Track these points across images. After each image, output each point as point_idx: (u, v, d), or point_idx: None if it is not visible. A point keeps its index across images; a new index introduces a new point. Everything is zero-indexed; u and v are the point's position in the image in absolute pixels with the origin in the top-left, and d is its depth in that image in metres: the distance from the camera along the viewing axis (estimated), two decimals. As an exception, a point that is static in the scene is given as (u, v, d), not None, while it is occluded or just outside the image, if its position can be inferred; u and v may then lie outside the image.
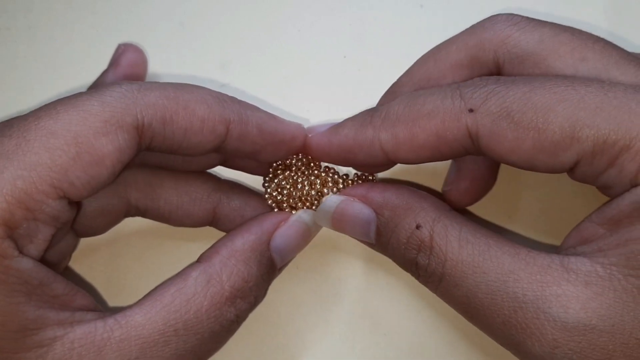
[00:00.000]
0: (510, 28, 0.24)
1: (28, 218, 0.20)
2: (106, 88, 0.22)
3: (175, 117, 0.23)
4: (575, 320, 0.20)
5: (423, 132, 0.23)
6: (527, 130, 0.21)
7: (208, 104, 0.23)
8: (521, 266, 0.21)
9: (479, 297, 0.22)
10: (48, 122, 0.21)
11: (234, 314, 0.24)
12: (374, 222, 0.25)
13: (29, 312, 0.21)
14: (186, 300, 0.23)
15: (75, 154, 0.21)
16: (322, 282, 0.30)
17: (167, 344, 0.22)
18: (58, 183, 0.21)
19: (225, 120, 0.24)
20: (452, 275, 0.22)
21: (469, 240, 0.22)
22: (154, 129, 0.22)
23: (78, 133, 0.21)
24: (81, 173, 0.21)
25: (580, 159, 0.21)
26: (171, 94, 0.23)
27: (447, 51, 0.25)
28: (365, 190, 0.25)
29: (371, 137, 0.24)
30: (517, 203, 0.30)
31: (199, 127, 0.23)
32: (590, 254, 0.21)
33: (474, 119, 0.22)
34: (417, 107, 0.23)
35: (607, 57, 0.23)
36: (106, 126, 0.21)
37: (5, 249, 0.20)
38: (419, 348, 0.29)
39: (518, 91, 0.22)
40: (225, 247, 0.25)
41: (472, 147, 0.23)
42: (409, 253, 0.24)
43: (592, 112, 0.21)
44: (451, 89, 0.23)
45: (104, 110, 0.21)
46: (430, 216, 0.24)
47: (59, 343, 0.21)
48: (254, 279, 0.25)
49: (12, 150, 0.20)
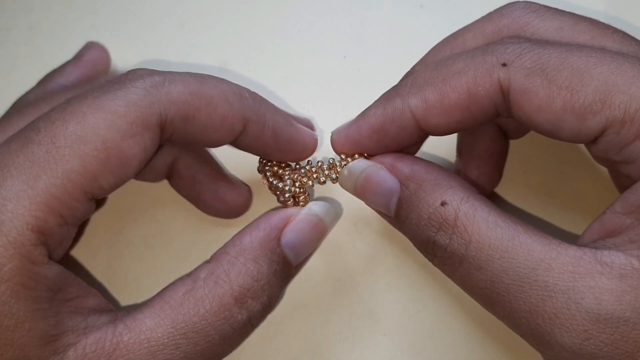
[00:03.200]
0: (529, 15, 0.24)
1: (61, 224, 0.21)
2: (131, 83, 0.22)
3: (197, 114, 0.23)
4: (609, 313, 0.20)
5: (454, 90, 0.22)
6: (559, 89, 0.21)
7: (229, 102, 0.23)
8: (553, 255, 0.21)
9: (505, 283, 0.21)
10: (76, 127, 0.21)
11: (245, 315, 0.23)
12: (397, 193, 0.24)
13: (50, 318, 0.21)
14: (194, 303, 0.23)
15: (104, 159, 0.21)
16: (322, 282, 0.30)
17: (177, 347, 0.22)
18: (89, 188, 0.21)
19: (244, 119, 0.24)
20: (476, 257, 0.22)
21: (498, 224, 0.22)
22: (175, 125, 0.22)
23: (106, 138, 0.21)
24: (110, 176, 0.21)
25: (608, 126, 0.21)
26: (194, 88, 0.23)
27: (464, 38, 0.25)
28: (394, 159, 0.24)
29: (401, 106, 0.23)
30: (519, 203, 0.30)
31: (218, 124, 0.23)
32: (622, 247, 0.21)
33: (506, 72, 0.22)
34: (447, 68, 0.23)
35: (627, 47, 0.23)
36: (132, 128, 0.21)
37: (37, 256, 0.20)
38: (418, 348, 0.29)
39: (554, 50, 0.21)
40: (233, 246, 0.24)
41: (502, 106, 0.22)
42: (429, 230, 0.23)
43: (629, 80, 0.20)
44: (481, 48, 0.23)
45: (130, 112, 0.21)
46: (459, 195, 0.23)
47: (72, 350, 0.21)
48: (265, 277, 0.24)
49: (43, 158, 0.20)
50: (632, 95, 0.20)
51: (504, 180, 0.29)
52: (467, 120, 0.23)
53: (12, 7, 0.34)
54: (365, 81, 0.32)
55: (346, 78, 0.32)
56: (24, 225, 0.20)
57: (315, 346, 0.29)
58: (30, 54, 0.33)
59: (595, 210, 0.22)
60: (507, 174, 0.29)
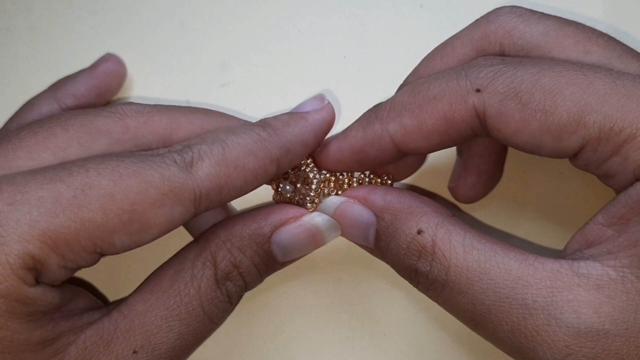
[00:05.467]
0: (515, 20, 0.24)
1: (60, 265, 0.21)
2: (164, 160, 0.22)
3: (229, 181, 0.23)
4: (588, 326, 0.20)
5: (430, 117, 0.23)
6: (534, 112, 0.21)
7: (254, 154, 0.23)
8: (530, 272, 0.21)
9: (486, 304, 0.21)
10: (109, 184, 0.21)
11: (226, 295, 0.24)
12: (373, 225, 0.24)
13: (47, 325, 0.21)
14: (184, 284, 0.23)
15: (127, 220, 0.21)
16: (322, 282, 0.30)
17: (171, 329, 0.23)
18: (100, 242, 0.21)
19: (274, 160, 0.24)
20: (456, 282, 0.22)
21: (474, 246, 0.22)
22: (211, 198, 0.22)
23: (136, 201, 0.21)
24: (126, 237, 0.21)
25: (585, 144, 0.21)
26: (220, 157, 0.23)
27: (453, 46, 0.25)
28: (367, 192, 0.25)
29: (380, 131, 0.24)
30: (519, 202, 0.30)
31: (252, 179, 0.23)
32: (600, 257, 0.21)
33: (481, 98, 0.22)
34: (422, 94, 0.23)
35: (611, 51, 0.23)
36: (163, 199, 0.21)
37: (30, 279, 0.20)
38: (418, 348, 0.29)
39: (526, 72, 0.22)
40: (224, 229, 0.25)
41: (479, 129, 0.23)
42: (409, 259, 0.23)
43: (601, 98, 0.21)
44: (455, 71, 0.23)
45: (164, 184, 0.21)
46: (433, 221, 0.23)
47: (72, 346, 0.22)
48: (245, 267, 0.25)
49: (67, 201, 0.20)
50: (605, 114, 0.20)
51: (504, 179, 0.29)
52: (446, 142, 0.24)
53: (12, 7, 0.34)
54: (365, 81, 0.32)
55: (346, 78, 0.32)
56: (26, 252, 0.20)
57: (315, 346, 0.29)
58: (30, 54, 0.33)
59: (594, 211, 0.22)
60: (507, 174, 0.29)
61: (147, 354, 0.23)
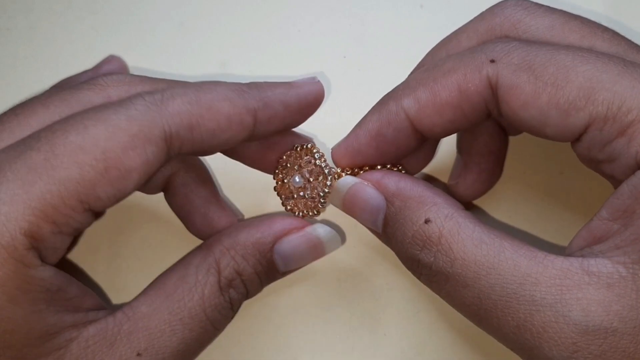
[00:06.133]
0: (521, 12, 0.24)
1: (54, 232, 0.20)
2: (130, 101, 0.22)
3: (201, 121, 0.22)
4: (597, 324, 0.20)
5: (444, 88, 0.23)
6: (545, 85, 0.21)
7: (230, 100, 0.23)
8: (539, 269, 0.21)
9: (493, 299, 0.21)
10: (77, 137, 0.20)
11: (228, 301, 0.24)
12: (383, 210, 0.24)
13: (49, 317, 0.21)
14: (189, 289, 0.24)
15: (103, 169, 0.21)
16: (322, 282, 0.30)
17: (174, 333, 0.23)
18: (85, 197, 0.21)
19: (251, 110, 0.23)
20: (462, 275, 0.22)
21: (484, 240, 0.22)
22: (182, 137, 0.22)
23: (106, 148, 0.21)
24: (108, 187, 0.21)
25: (591, 122, 0.21)
26: (193, 97, 0.22)
27: (458, 39, 0.25)
28: (381, 176, 0.25)
29: (395, 109, 0.24)
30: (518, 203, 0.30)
31: (226, 124, 0.23)
32: (609, 253, 0.21)
33: (495, 68, 0.22)
34: (437, 69, 0.23)
35: (616, 46, 0.23)
36: (134, 140, 0.21)
37: (30, 259, 0.20)
38: (418, 348, 0.29)
39: (542, 48, 0.22)
40: (228, 237, 0.25)
41: (492, 103, 0.23)
42: (413, 248, 0.23)
43: (614, 77, 0.21)
44: (471, 49, 0.23)
45: (132, 125, 0.21)
46: (443, 212, 0.23)
47: (74, 343, 0.22)
48: (248, 275, 0.25)
49: (41, 165, 0.20)
50: (616, 92, 0.20)
51: (504, 179, 0.29)
52: (460, 120, 0.23)
53: (12, 7, 0.34)
54: (365, 81, 0.32)
55: (346, 78, 0.32)
56: (17, 230, 0.20)
57: (315, 346, 0.29)
58: (30, 54, 0.33)
59: (595, 210, 0.22)
60: (507, 174, 0.29)
61: (151, 357, 0.23)
